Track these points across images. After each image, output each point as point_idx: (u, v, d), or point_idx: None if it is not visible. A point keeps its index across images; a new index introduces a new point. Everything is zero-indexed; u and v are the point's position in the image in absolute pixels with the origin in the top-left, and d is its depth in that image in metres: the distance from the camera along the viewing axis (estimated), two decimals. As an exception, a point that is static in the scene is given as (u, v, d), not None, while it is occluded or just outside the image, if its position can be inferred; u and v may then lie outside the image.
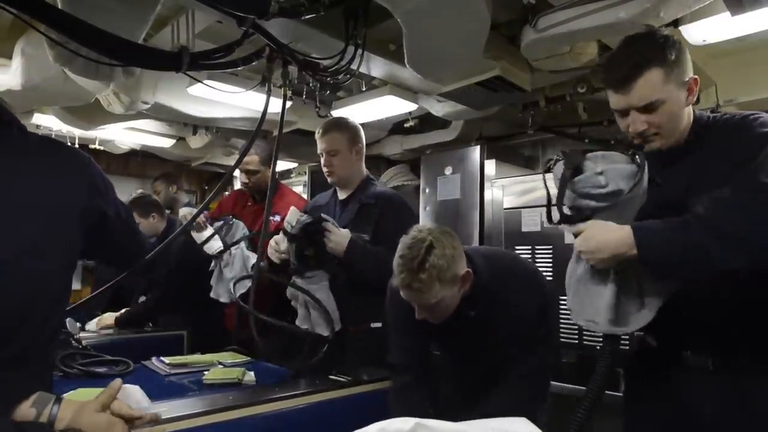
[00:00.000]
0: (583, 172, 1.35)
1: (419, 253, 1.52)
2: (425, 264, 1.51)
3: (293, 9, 1.82)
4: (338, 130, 2.33)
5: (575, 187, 1.35)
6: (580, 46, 2.24)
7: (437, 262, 1.52)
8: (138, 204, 3.38)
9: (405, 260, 1.54)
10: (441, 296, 1.55)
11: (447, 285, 1.55)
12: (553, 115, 3.23)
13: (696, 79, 1.37)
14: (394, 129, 4.06)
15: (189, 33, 2.31)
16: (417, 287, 1.53)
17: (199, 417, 1.40)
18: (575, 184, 1.35)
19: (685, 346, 1.41)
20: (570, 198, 1.37)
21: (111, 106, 3.00)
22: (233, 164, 2.28)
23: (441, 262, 1.52)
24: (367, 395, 1.83)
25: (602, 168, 1.33)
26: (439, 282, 1.53)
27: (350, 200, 2.35)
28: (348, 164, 2.33)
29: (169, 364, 2.21)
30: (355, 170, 2.37)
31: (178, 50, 1.88)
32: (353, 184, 2.36)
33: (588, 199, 1.34)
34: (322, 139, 2.34)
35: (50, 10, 1.53)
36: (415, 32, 2.08)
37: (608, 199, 1.31)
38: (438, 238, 1.56)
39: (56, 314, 1.24)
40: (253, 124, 2.89)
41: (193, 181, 6.01)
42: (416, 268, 1.51)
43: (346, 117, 2.54)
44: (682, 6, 1.83)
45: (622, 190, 1.30)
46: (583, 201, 1.34)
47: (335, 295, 2.18)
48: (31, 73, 2.56)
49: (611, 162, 1.35)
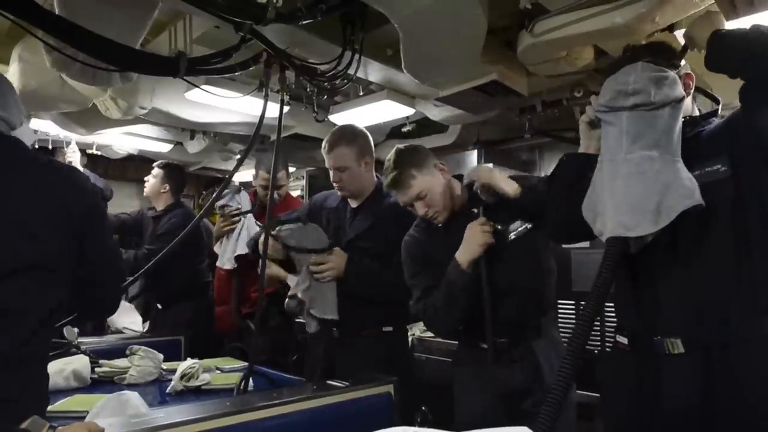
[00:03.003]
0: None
1: (391, 156, 1.96)
2: (398, 161, 1.93)
3: (291, 14, 1.82)
4: (345, 144, 2.27)
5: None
6: (576, 50, 2.24)
7: (406, 157, 1.94)
8: (165, 166, 3.56)
9: (386, 166, 1.96)
10: (426, 184, 1.90)
11: (424, 171, 1.91)
12: (551, 119, 3.23)
13: (689, 74, 1.47)
14: (392, 133, 4.06)
15: (186, 38, 2.31)
16: (400, 179, 1.90)
17: (198, 423, 1.39)
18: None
19: (656, 331, 1.43)
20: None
21: (108, 111, 3.00)
22: (231, 169, 2.28)
23: (408, 157, 1.94)
24: (366, 400, 1.82)
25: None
26: (415, 169, 1.90)
27: (362, 209, 2.32)
28: (358, 178, 2.29)
29: (166, 370, 2.21)
30: (366, 181, 2.33)
31: (175, 55, 1.89)
32: (365, 195, 2.34)
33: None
34: (329, 156, 2.28)
35: (48, 16, 1.54)
36: (413, 37, 2.09)
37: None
38: (400, 147, 2.00)
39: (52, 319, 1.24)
40: (251, 129, 2.89)
41: (191, 185, 6.00)
42: (393, 167, 1.92)
43: (351, 125, 2.46)
44: (677, 11, 1.84)
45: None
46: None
47: (346, 301, 2.20)
48: (28, 78, 2.56)
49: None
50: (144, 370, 2.18)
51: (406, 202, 1.95)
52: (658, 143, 1.35)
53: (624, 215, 1.34)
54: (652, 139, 1.36)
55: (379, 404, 1.79)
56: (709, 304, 1.37)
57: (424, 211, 1.93)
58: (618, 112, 1.40)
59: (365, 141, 2.34)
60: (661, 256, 1.43)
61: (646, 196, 1.32)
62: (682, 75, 1.46)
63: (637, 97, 1.37)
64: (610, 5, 1.84)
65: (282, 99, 2.14)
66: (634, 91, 1.37)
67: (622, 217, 1.35)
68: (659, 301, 1.44)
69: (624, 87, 1.39)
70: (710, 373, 1.34)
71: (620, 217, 1.35)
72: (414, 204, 1.93)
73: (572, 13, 1.93)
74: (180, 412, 1.47)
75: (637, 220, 1.33)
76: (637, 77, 1.38)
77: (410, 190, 1.91)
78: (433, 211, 1.93)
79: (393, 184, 1.93)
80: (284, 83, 2.16)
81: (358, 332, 2.22)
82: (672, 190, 1.31)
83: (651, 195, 1.32)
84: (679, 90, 1.38)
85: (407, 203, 1.95)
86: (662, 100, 1.35)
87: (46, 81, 2.57)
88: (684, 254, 1.42)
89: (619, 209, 1.35)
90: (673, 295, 1.42)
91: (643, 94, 1.36)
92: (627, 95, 1.38)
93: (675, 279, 1.43)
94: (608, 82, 1.46)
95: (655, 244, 1.38)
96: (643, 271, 1.49)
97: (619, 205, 1.36)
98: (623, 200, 1.36)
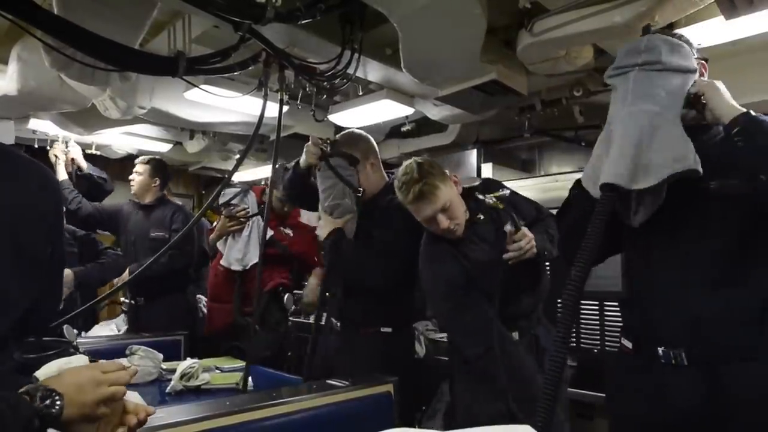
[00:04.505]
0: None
1: (412, 168, 1.87)
2: (422, 171, 1.85)
3: (289, 14, 1.82)
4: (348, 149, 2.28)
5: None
6: (575, 49, 2.24)
7: (429, 168, 1.88)
8: (149, 161, 3.53)
9: (406, 179, 1.87)
10: (448, 196, 1.86)
11: (446, 183, 1.88)
12: (550, 118, 3.23)
13: (704, 63, 1.48)
14: (391, 133, 4.06)
15: (186, 38, 2.31)
16: (426, 190, 1.83)
17: (198, 423, 1.39)
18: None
19: (660, 342, 1.43)
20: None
21: (107, 111, 3.00)
22: (231, 169, 2.28)
23: (431, 168, 1.88)
24: (366, 399, 1.82)
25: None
26: (439, 180, 1.86)
27: (371, 204, 2.30)
28: (365, 180, 2.29)
29: (165, 370, 2.21)
30: (374, 180, 2.33)
31: (174, 55, 1.88)
32: (374, 192, 2.33)
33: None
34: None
35: (47, 16, 1.53)
36: (412, 37, 2.09)
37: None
38: (418, 160, 1.93)
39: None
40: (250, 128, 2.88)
41: (190, 185, 6.00)
42: (418, 178, 1.84)
43: (351, 131, 2.48)
44: (677, 10, 1.84)
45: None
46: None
47: (350, 298, 2.24)
48: (27, 79, 2.55)
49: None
50: (144, 370, 2.19)
51: (429, 216, 1.87)
52: (662, 102, 1.35)
53: (620, 166, 1.34)
54: (658, 97, 1.35)
55: (379, 404, 1.79)
56: (714, 319, 1.35)
57: (447, 224, 1.86)
58: (626, 74, 1.41)
59: (368, 146, 2.35)
60: (667, 266, 1.42)
61: (641, 150, 1.32)
62: (698, 58, 1.46)
63: (648, 54, 1.37)
64: (609, 4, 1.84)
65: (281, 98, 2.14)
66: (646, 48, 1.38)
67: (618, 168, 1.34)
68: (663, 312, 1.42)
69: (636, 45, 1.41)
70: (714, 386, 1.33)
71: (616, 168, 1.35)
72: (436, 217, 1.86)
73: (572, 12, 1.93)
74: (180, 411, 1.47)
75: (630, 172, 1.32)
76: (651, 39, 1.40)
77: (437, 202, 1.84)
78: (454, 224, 1.88)
79: (420, 196, 1.84)
80: (283, 83, 2.17)
81: (357, 330, 2.22)
82: (665, 149, 1.30)
83: (645, 149, 1.32)
84: (691, 61, 1.38)
85: (429, 217, 1.87)
86: (672, 64, 1.35)
87: (45, 81, 2.57)
88: (690, 266, 1.39)
89: (615, 160, 1.35)
90: (678, 307, 1.40)
91: (654, 52, 1.37)
92: (638, 52, 1.39)
93: (680, 291, 1.40)
94: (621, 49, 1.47)
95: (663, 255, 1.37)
96: (647, 281, 1.48)
97: (615, 156, 1.36)
98: (618, 151, 1.36)
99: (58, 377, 0.95)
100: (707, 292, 1.36)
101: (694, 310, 1.37)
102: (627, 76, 1.40)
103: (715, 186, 1.35)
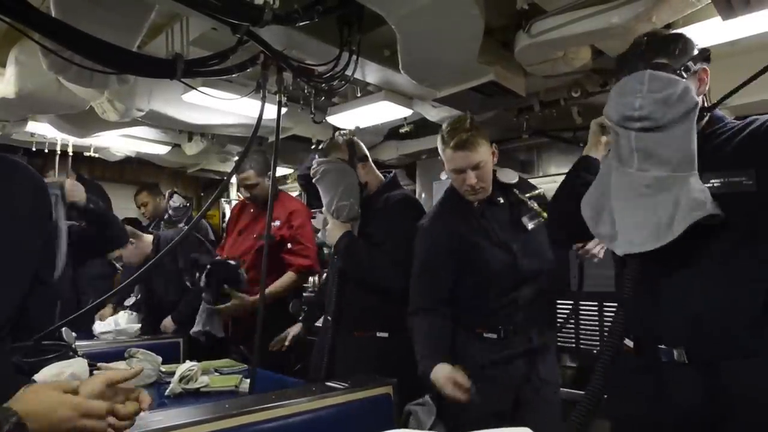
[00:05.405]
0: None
1: (465, 119, 1.96)
2: (473, 125, 1.93)
3: (287, 16, 1.82)
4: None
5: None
6: (573, 50, 2.25)
7: (479, 126, 1.95)
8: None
9: (455, 126, 1.94)
10: (485, 157, 1.93)
11: (487, 146, 1.94)
12: (548, 119, 3.24)
13: (705, 69, 1.42)
14: (390, 134, 4.07)
15: (183, 40, 2.31)
16: (471, 140, 1.89)
17: (197, 426, 1.39)
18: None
19: (661, 341, 1.42)
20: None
21: (106, 113, 3.00)
22: (230, 171, 2.28)
23: (481, 128, 1.95)
24: (365, 402, 1.82)
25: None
26: (483, 138, 1.92)
27: (366, 204, 2.31)
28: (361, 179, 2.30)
29: (164, 372, 2.21)
30: (369, 181, 2.34)
31: (172, 57, 1.88)
32: (372, 191, 2.34)
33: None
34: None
35: (44, 19, 1.53)
36: (410, 38, 2.09)
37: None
38: (471, 116, 2.02)
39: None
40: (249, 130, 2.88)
41: (189, 187, 5.99)
42: (467, 127, 1.91)
43: (336, 137, 2.46)
44: (674, 11, 1.84)
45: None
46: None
47: (345, 297, 2.25)
48: (25, 82, 2.56)
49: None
50: (142, 373, 2.18)
51: (462, 167, 1.92)
52: (670, 160, 1.31)
53: (633, 234, 1.36)
54: (664, 157, 1.32)
55: (378, 406, 1.79)
56: (716, 317, 1.34)
57: (473, 182, 1.92)
58: (627, 129, 1.36)
59: (353, 147, 2.35)
60: (668, 265, 1.41)
61: (657, 217, 1.31)
62: (697, 71, 1.39)
63: (644, 123, 1.32)
64: (607, 5, 1.85)
65: (279, 100, 2.13)
66: (640, 117, 1.32)
67: (641, 236, 1.34)
68: (664, 310, 1.42)
69: (630, 112, 1.33)
70: (714, 385, 1.33)
71: (640, 237, 1.35)
72: (467, 171, 1.91)
73: (569, 14, 1.93)
74: (179, 414, 1.46)
75: (645, 236, 1.33)
76: (644, 100, 1.31)
77: (476, 154, 1.90)
78: (480, 186, 1.94)
79: (463, 145, 1.89)
80: (281, 85, 2.16)
81: (351, 332, 2.22)
82: (681, 207, 1.29)
83: (662, 215, 1.31)
84: (691, 98, 1.30)
85: (462, 168, 1.92)
86: (673, 118, 1.30)
87: (43, 84, 2.57)
88: (692, 265, 1.38)
89: (636, 229, 1.36)
90: (679, 305, 1.39)
91: (650, 120, 1.31)
92: (633, 120, 1.33)
93: (681, 289, 1.40)
94: (615, 93, 1.39)
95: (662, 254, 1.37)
96: (648, 279, 1.46)
97: (629, 225, 1.37)
98: (632, 221, 1.36)
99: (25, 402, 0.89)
100: (708, 290, 1.35)
101: (694, 308, 1.36)
102: (628, 132, 1.36)
103: (720, 184, 1.34)
